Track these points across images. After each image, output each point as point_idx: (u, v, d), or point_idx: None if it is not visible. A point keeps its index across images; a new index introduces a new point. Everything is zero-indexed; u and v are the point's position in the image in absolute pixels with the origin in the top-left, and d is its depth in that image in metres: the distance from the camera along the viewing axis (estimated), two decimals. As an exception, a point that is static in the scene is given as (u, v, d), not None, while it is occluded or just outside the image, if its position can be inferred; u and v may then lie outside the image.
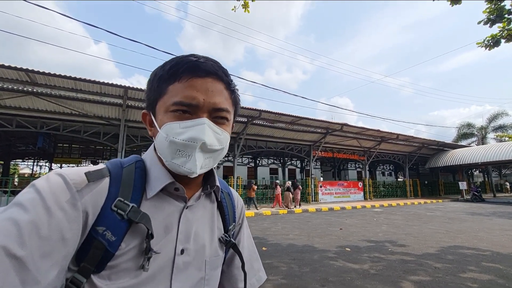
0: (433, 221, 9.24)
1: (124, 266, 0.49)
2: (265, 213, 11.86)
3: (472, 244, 5.80)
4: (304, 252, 5.18)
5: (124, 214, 0.50)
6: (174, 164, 0.54)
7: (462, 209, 13.41)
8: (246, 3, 5.62)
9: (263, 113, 12.71)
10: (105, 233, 0.48)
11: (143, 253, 0.50)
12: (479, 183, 27.73)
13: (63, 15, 6.39)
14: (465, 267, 4.23)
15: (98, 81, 9.21)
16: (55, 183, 0.46)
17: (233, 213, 0.71)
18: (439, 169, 23.83)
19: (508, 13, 5.34)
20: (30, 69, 8.25)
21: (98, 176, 0.51)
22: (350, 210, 13.77)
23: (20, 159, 22.55)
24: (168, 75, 0.55)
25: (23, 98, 9.74)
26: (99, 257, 0.47)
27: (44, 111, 10.66)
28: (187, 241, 0.57)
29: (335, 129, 16.04)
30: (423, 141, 20.58)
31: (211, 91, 0.55)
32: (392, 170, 33.16)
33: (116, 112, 11.42)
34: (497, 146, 19.08)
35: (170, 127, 0.53)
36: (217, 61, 0.58)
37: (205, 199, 0.65)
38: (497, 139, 25.88)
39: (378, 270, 4.14)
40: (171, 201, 0.58)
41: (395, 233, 7.14)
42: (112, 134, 12.19)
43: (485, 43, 5.59)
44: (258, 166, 26.80)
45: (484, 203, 17.16)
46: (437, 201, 18.65)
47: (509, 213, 11.72)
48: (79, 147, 20.22)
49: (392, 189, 22.11)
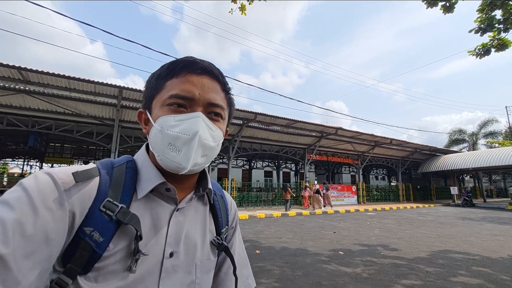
0: (425, 226, 9.34)
1: (112, 268, 0.48)
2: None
3: (463, 249, 5.87)
4: (297, 256, 5.18)
5: (112, 215, 0.49)
6: (166, 159, 0.53)
7: (453, 214, 13.60)
8: (243, 5, 5.66)
9: (258, 115, 12.71)
10: (92, 234, 0.47)
11: (131, 254, 0.49)
12: (470, 188, 28.20)
13: (59, 13, 6.32)
14: (456, 272, 4.29)
15: (93, 80, 9.09)
16: (43, 182, 0.45)
17: (226, 216, 0.70)
18: (431, 174, 24.16)
19: (498, 22, 5.48)
20: (22, 67, 8.10)
21: (87, 176, 0.51)
22: (343, 213, 13.83)
23: (10, 158, 22.10)
24: (166, 72, 0.57)
25: (14, 96, 9.56)
26: (86, 258, 0.46)
27: (36, 110, 10.47)
28: (176, 244, 0.56)
29: (329, 133, 16.14)
30: (416, 146, 20.86)
31: (207, 87, 0.56)
32: (385, 174, 33.48)
33: (110, 112, 11.29)
34: (487, 152, 19.44)
35: (164, 120, 0.54)
36: (213, 63, 0.60)
37: (197, 202, 0.64)
38: (488, 145, 26.41)
39: (370, 274, 4.16)
40: (162, 203, 0.57)
41: (387, 237, 7.20)
42: (106, 134, 12.04)
43: (476, 51, 5.72)
44: (253, 168, 26.74)
45: (474, 208, 17.44)
46: (429, 206, 18.87)
47: (499, 218, 11.93)
48: (72, 146, 19.92)
49: (385, 193, 22.29)
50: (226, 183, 14.48)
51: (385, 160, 22.85)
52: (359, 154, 20.43)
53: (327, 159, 19.80)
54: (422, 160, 23.80)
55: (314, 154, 18.06)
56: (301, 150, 18.16)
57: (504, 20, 5.47)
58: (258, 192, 17.87)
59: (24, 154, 20.60)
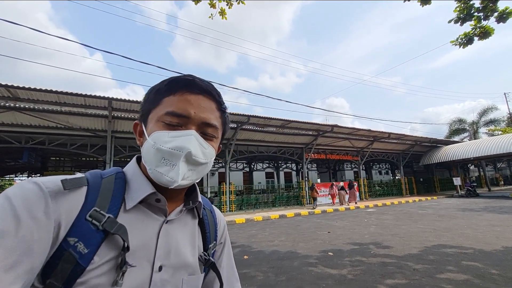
0: (423, 220, 9.20)
1: (96, 281, 0.45)
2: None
3: (456, 242, 5.75)
4: (285, 259, 5.10)
5: (99, 224, 0.47)
6: (157, 173, 0.53)
7: (455, 206, 13.39)
8: (222, 10, 5.64)
9: (251, 118, 12.69)
10: (76, 245, 0.45)
11: (117, 267, 0.47)
12: (475, 177, 27.80)
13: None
14: (444, 268, 4.18)
15: (81, 93, 9.14)
16: (28, 191, 0.44)
17: (214, 231, 0.70)
18: (434, 166, 23.84)
19: (478, 11, 5.39)
20: (9, 85, 8.17)
21: (75, 184, 0.49)
22: (343, 211, 13.70)
23: (11, 174, 22.33)
24: (165, 89, 0.57)
25: (5, 114, 9.64)
26: (68, 272, 0.43)
27: (28, 126, 10.54)
28: (166, 258, 0.54)
29: (326, 131, 16.03)
30: (415, 139, 20.64)
31: (203, 107, 0.57)
32: (389, 168, 33.15)
33: (102, 123, 11.35)
34: (489, 140, 19.14)
35: (158, 135, 0.54)
36: (211, 84, 0.61)
37: (186, 215, 0.64)
38: (489, 134, 26.04)
39: (355, 275, 4.07)
40: (151, 214, 0.56)
41: (381, 234, 7.08)
42: (100, 146, 12.09)
43: (459, 41, 5.61)
44: (254, 170, 26.69)
45: (478, 198, 17.15)
46: (431, 198, 18.63)
47: (501, 207, 11.71)
48: (72, 159, 20.07)
49: (387, 188, 22.08)
50: (224, 187, 14.47)
51: (386, 154, 22.64)
52: (358, 150, 20.26)
53: (326, 157, 19.69)
54: (423, 152, 23.54)
55: (312, 153, 17.97)
56: (298, 149, 18.07)
57: (483, 8, 5.38)
58: (259, 194, 17.83)
59: (23, 170, 20.78)
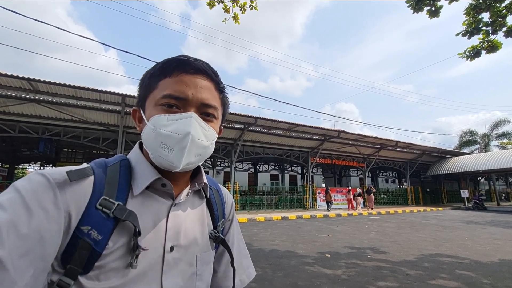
0: (425, 229, 9.21)
1: (113, 265, 0.48)
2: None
3: (454, 252, 5.81)
4: (283, 258, 5.28)
5: (109, 212, 0.49)
6: (159, 157, 0.54)
7: (460, 218, 13.26)
8: (236, 14, 5.89)
9: (259, 120, 12.91)
10: (90, 232, 0.47)
11: (131, 251, 0.50)
12: (484, 191, 27.22)
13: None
14: (437, 275, 4.29)
15: (97, 89, 9.58)
16: (36, 182, 0.45)
17: (222, 209, 0.72)
18: (442, 177, 23.52)
19: (486, 25, 5.48)
20: (31, 78, 8.65)
21: (81, 175, 0.51)
22: (345, 217, 13.74)
23: (25, 163, 23.15)
24: (159, 72, 0.57)
25: (25, 105, 10.16)
26: (86, 257, 0.46)
27: (45, 118, 11.06)
28: (176, 238, 0.57)
29: (332, 136, 16.11)
30: (423, 148, 20.43)
31: (200, 87, 0.57)
32: (396, 177, 32.79)
33: (115, 118, 11.77)
34: (499, 153, 18.80)
35: (157, 119, 0.54)
36: (207, 63, 0.60)
37: (193, 196, 0.66)
38: (501, 147, 25.50)
39: (349, 276, 4.23)
40: (159, 198, 0.58)
41: (381, 240, 7.17)
42: (111, 140, 12.52)
43: (466, 54, 5.72)
44: (259, 172, 26.89)
45: (485, 212, 16.89)
46: (437, 209, 18.41)
47: (507, 222, 11.56)
48: (84, 151, 20.71)
49: (393, 196, 21.89)
50: (229, 187, 14.71)
51: (393, 162, 22.48)
52: (364, 157, 20.20)
53: (332, 162, 19.71)
54: (431, 162, 23.25)
55: (317, 157, 18.04)
56: (304, 153, 18.18)
57: (491, 23, 5.47)
58: (263, 195, 18.01)
59: (38, 159, 21.54)
